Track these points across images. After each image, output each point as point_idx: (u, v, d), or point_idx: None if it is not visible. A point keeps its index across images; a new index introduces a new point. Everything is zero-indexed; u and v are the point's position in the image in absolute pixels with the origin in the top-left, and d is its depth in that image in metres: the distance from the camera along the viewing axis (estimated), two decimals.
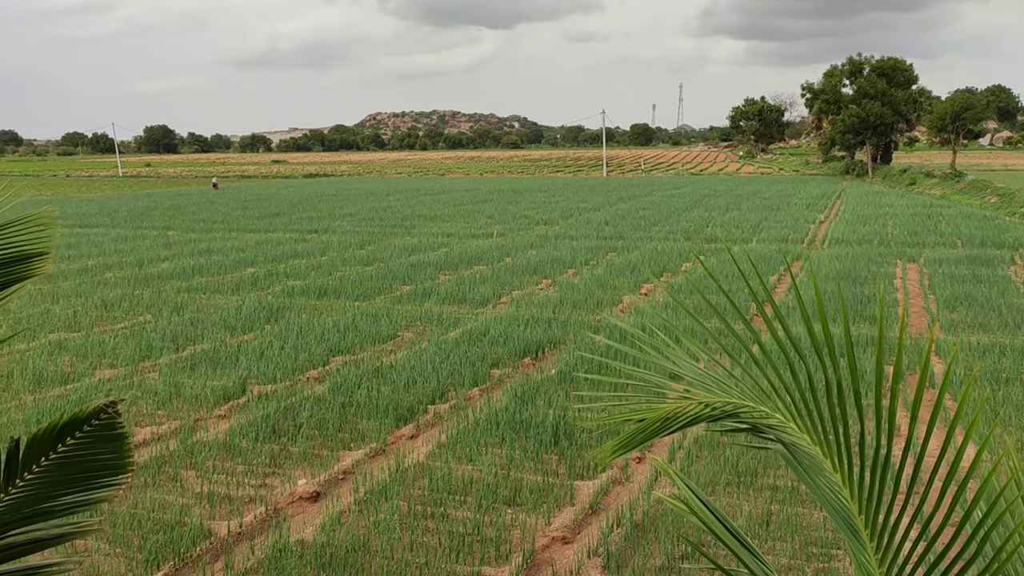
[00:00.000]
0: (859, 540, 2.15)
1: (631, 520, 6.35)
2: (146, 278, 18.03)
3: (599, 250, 22.24)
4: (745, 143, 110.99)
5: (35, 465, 2.02)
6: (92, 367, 10.72)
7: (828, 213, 33.87)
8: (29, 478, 2.02)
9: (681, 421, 2.48)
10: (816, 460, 2.18)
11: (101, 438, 2.13)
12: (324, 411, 8.84)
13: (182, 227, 30.08)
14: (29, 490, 2.06)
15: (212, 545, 6.05)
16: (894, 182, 56.27)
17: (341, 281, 17.28)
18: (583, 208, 37.39)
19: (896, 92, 68.73)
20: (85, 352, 11.39)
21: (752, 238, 25.06)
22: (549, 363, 10.93)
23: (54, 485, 2.12)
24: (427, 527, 6.31)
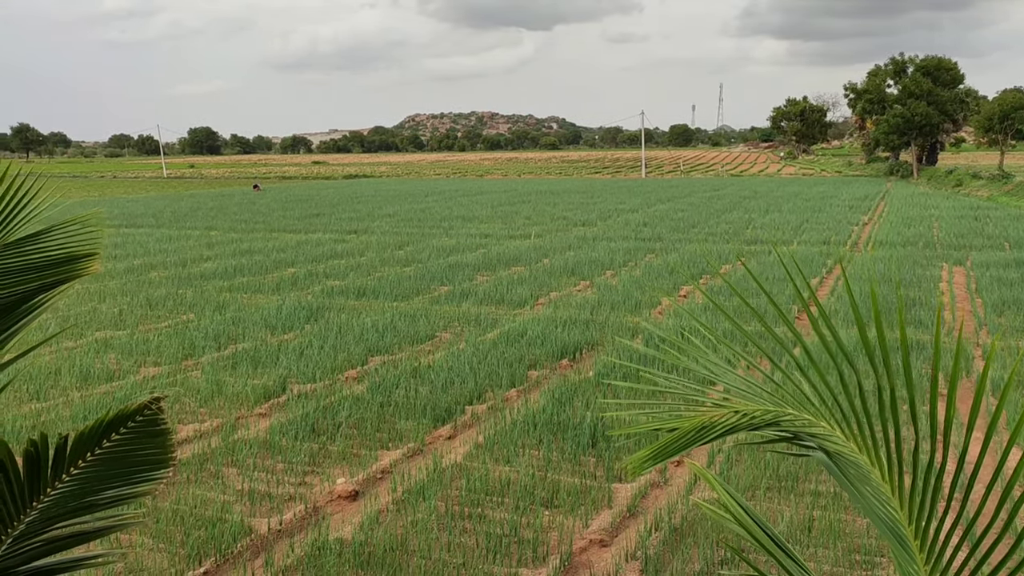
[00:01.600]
0: (907, 551, 2.09)
1: (670, 524, 6.29)
2: (189, 277, 18.31)
3: (637, 252, 22.12)
4: (786, 144, 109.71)
5: (81, 460, 2.05)
6: (137, 365, 10.91)
7: (872, 215, 33.33)
8: (75, 473, 2.05)
9: (718, 431, 2.44)
10: (862, 469, 2.13)
11: (145, 434, 2.15)
12: (363, 411, 8.89)
13: (224, 227, 30.50)
14: (75, 484, 2.09)
15: (253, 542, 6.11)
16: (940, 183, 55.21)
17: (380, 281, 17.39)
18: (621, 209, 37.22)
19: (942, 92, 67.45)
20: (130, 350, 11.60)
21: (793, 240, 24.75)
22: (587, 365, 10.88)
23: (99, 479, 2.15)
24: (464, 527, 6.31)
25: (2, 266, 2.02)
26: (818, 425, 2.18)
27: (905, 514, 2.09)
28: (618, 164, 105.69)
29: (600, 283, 17.16)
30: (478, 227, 29.53)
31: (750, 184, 61.48)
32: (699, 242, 24.26)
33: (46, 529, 2.15)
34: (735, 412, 2.38)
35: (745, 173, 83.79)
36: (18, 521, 2.02)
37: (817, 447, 2.30)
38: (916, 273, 17.69)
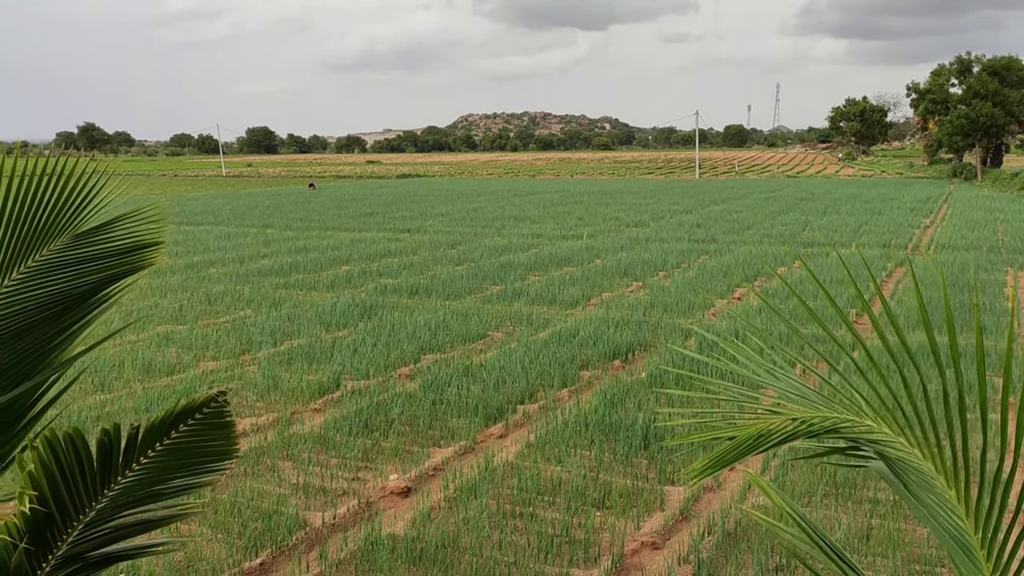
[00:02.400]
0: (973, 561, 2.04)
1: (723, 528, 6.23)
2: (247, 274, 18.66)
3: (690, 253, 21.91)
4: (845, 145, 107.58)
5: (150, 450, 2.11)
6: (196, 359, 11.16)
7: (934, 218, 32.51)
8: (144, 462, 2.11)
9: (775, 439, 2.40)
10: (926, 476, 2.08)
11: (210, 425, 2.21)
12: (415, 408, 8.97)
13: (280, 225, 31.02)
14: (144, 473, 2.15)
15: (307, 535, 6.21)
16: (1005, 186, 53.56)
17: (432, 280, 17.51)
18: (674, 210, 36.90)
19: (1009, 92, 65.46)
20: (190, 344, 11.87)
21: (851, 243, 24.26)
22: (639, 366, 10.82)
23: (166, 469, 2.21)
24: (516, 526, 6.33)
25: (73, 255, 2.08)
26: (880, 431, 2.13)
27: (971, 523, 2.04)
28: (671, 165, 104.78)
29: (653, 284, 17.04)
30: (530, 227, 29.54)
31: (807, 185, 60.43)
32: (754, 244, 23.93)
33: (115, 516, 2.21)
34: (792, 419, 2.34)
35: (802, 174, 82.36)
36: (89, 508, 2.09)
37: (876, 455, 2.25)
38: (980, 278, 17.21)
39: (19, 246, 1.94)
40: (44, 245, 1.99)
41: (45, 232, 2.01)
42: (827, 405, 2.25)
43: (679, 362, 10.48)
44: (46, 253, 2.00)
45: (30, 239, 1.96)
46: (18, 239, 1.94)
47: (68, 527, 2.05)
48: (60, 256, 2.03)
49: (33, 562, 2.01)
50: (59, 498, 1.98)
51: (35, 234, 1.98)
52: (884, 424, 2.16)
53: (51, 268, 2.00)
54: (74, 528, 2.07)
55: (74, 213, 2.09)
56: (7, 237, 1.93)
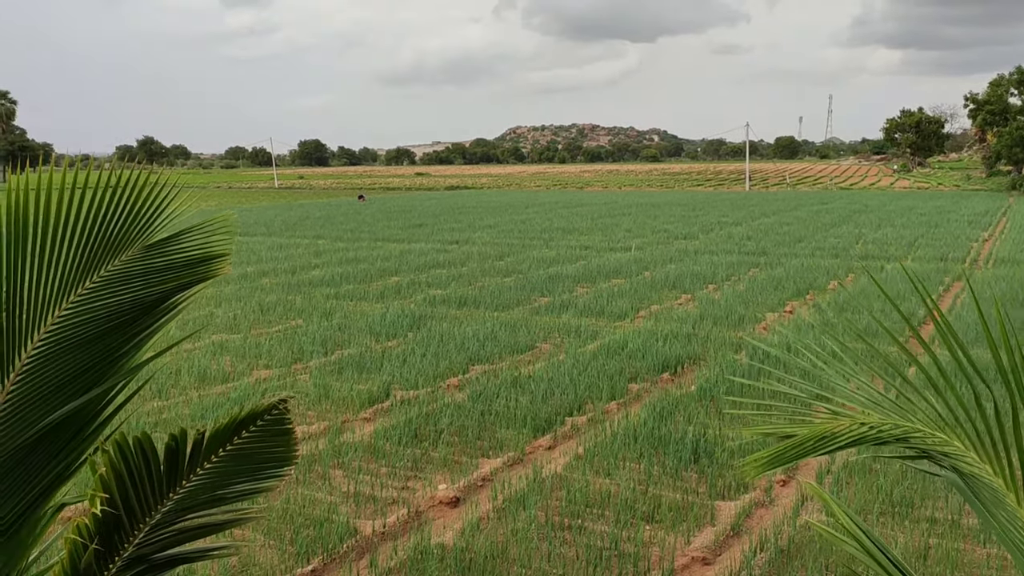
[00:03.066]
0: None
1: (776, 545, 6.13)
2: (298, 284, 18.94)
3: (740, 265, 21.67)
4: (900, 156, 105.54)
5: (214, 455, 2.15)
6: (250, 367, 11.35)
7: (992, 231, 31.70)
8: (208, 467, 2.16)
9: (840, 441, 2.37)
10: (998, 493, 2.03)
11: (271, 432, 2.25)
12: (464, 418, 9.00)
13: (331, 236, 31.43)
14: (208, 477, 2.19)
15: (358, 543, 6.26)
16: None
17: (481, 291, 17.58)
18: (724, 222, 36.54)
19: None
20: (243, 353, 12.08)
21: (907, 256, 23.77)
22: (688, 379, 10.72)
23: (229, 474, 2.26)
24: (564, 538, 6.30)
25: (144, 266, 2.14)
26: (951, 444, 2.09)
27: None
28: (721, 177, 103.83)
29: (702, 297, 16.88)
30: (578, 239, 29.50)
31: (860, 198, 59.39)
32: (805, 257, 23.58)
33: (179, 519, 2.27)
34: (861, 424, 2.31)
35: (855, 186, 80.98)
36: (155, 511, 2.14)
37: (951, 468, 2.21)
38: None
39: (92, 256, 2.00)
40: (116, 256, 2.05)
41: (116, 243, 2.07)
42: (899, 413, 2.21)
43: (739, 368, 10.36)
44: (117, 263, 2.06)
45: (102, 250, 2.02)
46: (91, 250, 2.00)
47: (135, 529, 2.10)
48: (130, 267, 2.09)
49: (101, 563, 2.07)
50: (127, 501, 2.03)
51: (107, 245, 2.04)
52: (956, 437, 2.12)
53: (122, 278, 2.06)
54: (140, 530, 2.13)
55: (144, 225, 2.15)
56: (81, 248, 1.99)
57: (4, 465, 1.87)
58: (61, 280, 1.91)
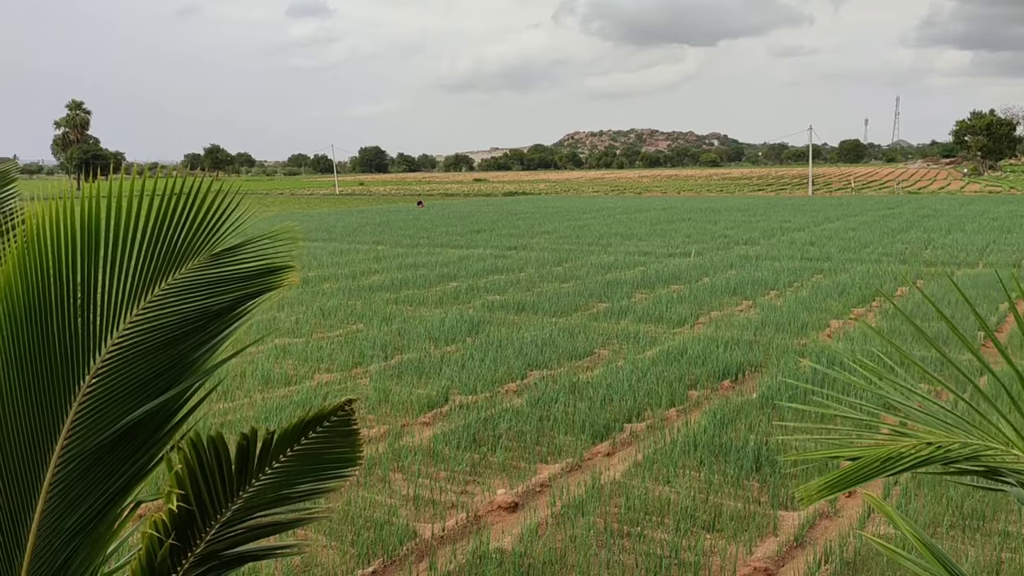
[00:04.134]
0: None
1: (841, 557, 6.00)
2: (358, 289, 19.20)
3: (803, 271, 21.28)
4: (970, 159, 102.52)
5: (282, 455, 2.20)
6: (312, 371, 11.54)
7: None
8: (276, 466, 2.21)
9: (907, 463, 2.29)
10: None
11: (337, 433, 2.29)
12: (522, 424, 9.01)
13: (390, 242, 31.80)
14: (275, 477, 2.24)
15: (417, 546, 6.32)
16: None
17: (539, 297, 17.60)
18: (786, 228, 35.93)
19: None
20: (306, 356, 12.29)
21: (978, 262, 23.05)
22: (749, 386, 10.56)
23: (295, 473, 2.31)
24: (623, 546, 6.27)
25: (210, 275, 2.19)
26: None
27: None
28: (782, 181, 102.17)
29: (763, 303, 16.63)
30: (636, 244, 29.33)
31: (929, 202, 57.82)
32: (871, 263, 23.05)
33: (248, 517, 2.32)
34: (927, 443, 2.25)
35: (923, 191, 78.89)
36: (226, 508, 2.20)
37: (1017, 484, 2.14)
38: None
39: (159, 264, 2.06)
40: (182, 264, 2.11)
41: (183, 251, 2.13)
42: (966, 429, 2.15)
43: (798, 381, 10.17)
44: (185, 272, 2.12)
45: (169, 257, 2.08)
46: (158, 257, 2.06)
47: (207, 526, 2.16)
48: (197, 275, 2.14)
49: (175, 558, 2.14)
50: (200, 498, 2.09)
51: (173, 253, 2.10)
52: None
53: (189, 287, 2.12)
54: (212, 527, 2.19)
55: (209, 233, 2.20)
56: (148, 255, 2.05)
57: (86, 462, 1.95)
58: (132, 287, 1.97)
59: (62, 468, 1.91)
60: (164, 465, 2.24)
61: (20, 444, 1.86)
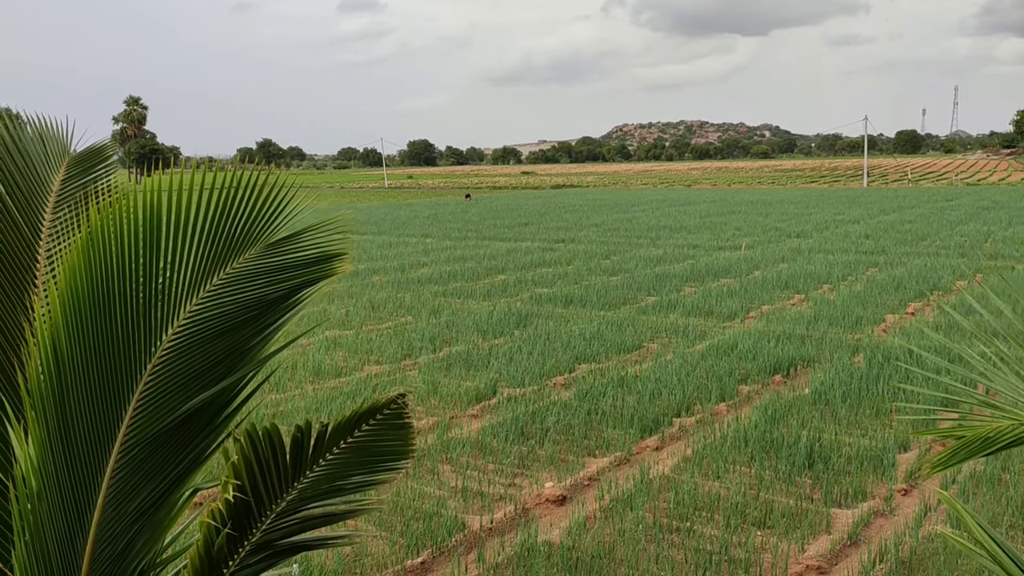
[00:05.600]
0: None
1: (896, 556, 5.88)
2: (407, 282, 19.34)
3: (858, 265, 20.86)
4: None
5: (335, 447, 2.23)
6: (361, 362, 11.66)
7: None
8: (330, 458, 2.24)
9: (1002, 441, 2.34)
10: None
11: (390, 426, 2.30)
12: (570, 417, 9.00)
13: (439, 235, 31.96)
14: (329, 469, 2.27)
15: (466, 537, 6.35)
16: None
17: (587, 290, 17.53)
18: (840, 220, 35.27)
19: None
20: (355, 348, 12.43)
21: None
22: (802, 381, 10.39)
23: (349, 465, 2.33)
24: (672, 541, 6.22)
25: (265, 264, 2.22)
26: None
27: None
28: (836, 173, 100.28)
29: (816, 297, 16.34)
30: (686, 237, 29.04)
31: (989, 194, 56.23)
32: (929, 256, 22.50)
33: (302, 508, 2.35)
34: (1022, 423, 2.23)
35: (983, 182, 76.74)
36: (281, 499, 2.23)
37: None
38: None
39: (218, 254, 2.10)
40: (240, 254, 2.14)
41: (240, 242, 2.16)
42: None
43: (856, 371, 10.00)
44: (241, 262, 2.15)
45: (227, 248, 2.12)
46: (216, 247, 2.10)
47: (262, 516, 2.20)
48: (253, 265, 2.18)
49: (231, 546, 2.17)
50: (256, 488, 2.12)
51: (231, 243, 2.13)
52: None
53: (246, 276, 2.15)
54: (267, 517, 2.22)
55: (265, 224, 2.23)
56: (207, 245, 2.08)
57: (147, 449, 1.99)
58: (191, 277, 2.01)
59: (125, 454, 1.95)
60: (219, 454, 2.28)
61: (86, 431, 1.91)
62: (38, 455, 1.87)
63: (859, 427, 8.66)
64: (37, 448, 1.87)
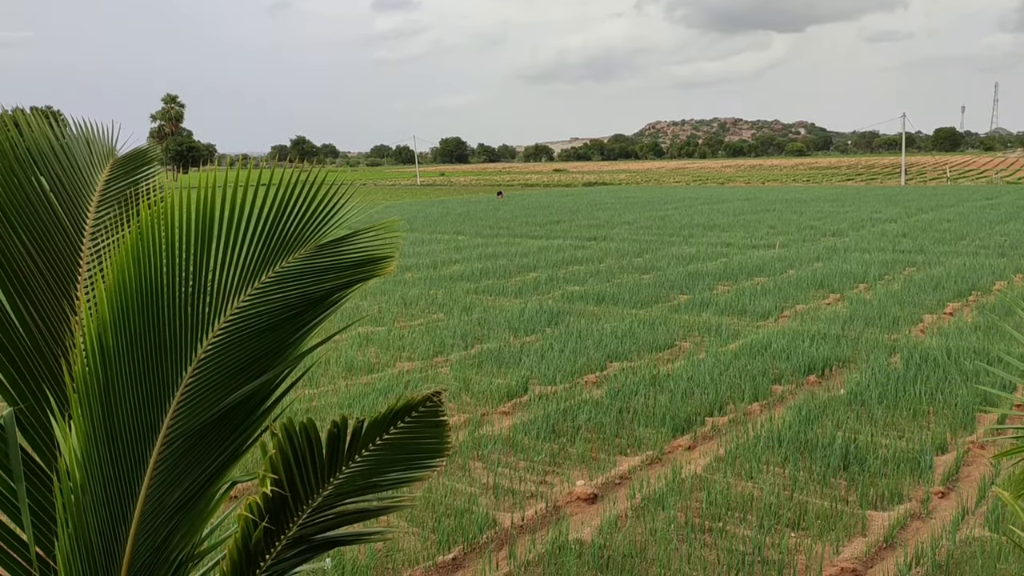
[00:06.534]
0: None
1: (933, 559, 5.79)
2: (439, 279, 19.41)
3: (895, 264, 20.57)
4: None
5: (371, 443, 2.24)
6: (394, 359, 11.73)
7: None
8: (366, 454, 2.25)
9: None
10: None
11: (426, 423, 2.32)
12: (601, 415, 8.98)
13: (470, 232, 32.03)
14: (364, 465, 2.29)
15: (497, 534, 6.37)
16: None
17: (619, 288, 17.48)
18: (877, 219, 34.79)
19: None
20: (388, 345, 12.50)
21: None
22: (837, 382, 10.28)
23: (384, 462, 2.35)
24: (704, 541, 6.19)
25: (314, 264, 2.25)
26: None
27: None
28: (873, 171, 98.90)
29: (852, 296, 16.14)
30: (719, 236, 28.83)
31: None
32: (968, 255, 22.12)
33: (337, 503, 2.37)
34: None
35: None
36: (317, 494, 2.25)
37: None
38: None
39: (269, 253, 2.12)
40: (290, 253, 2.17)
41: (291, 241, 2.18)
42: None
43: (892, 371, 9.87)
44: (291, 261, 2.18)
45: (278, 247, 2.14)
46: (268, 247, 2.12)
47: (299, 510, 2.22)
48: (302, 264, 2.20)
49: (268, 540, 2.20)
50: (292, 483, 2.15)
51: (282, 243, 2.16)
52: None
53: (293, 275, 2.17)
54: (303, 512, 2.24)
55: (318, 225, 2.25)
56: (260, 244, 2.11)
57: (188, 441, 2.02)
58: (240, 274, 2.04)
59: (167, 448, 1.98)
60: (256, 448, 2.31)
61: (130, 425, 1.94)
62: (82, 448, 1.91)
63: (896, 429, 8.55)
64: (81, 441, 1.90)
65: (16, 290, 2.40)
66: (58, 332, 2.44)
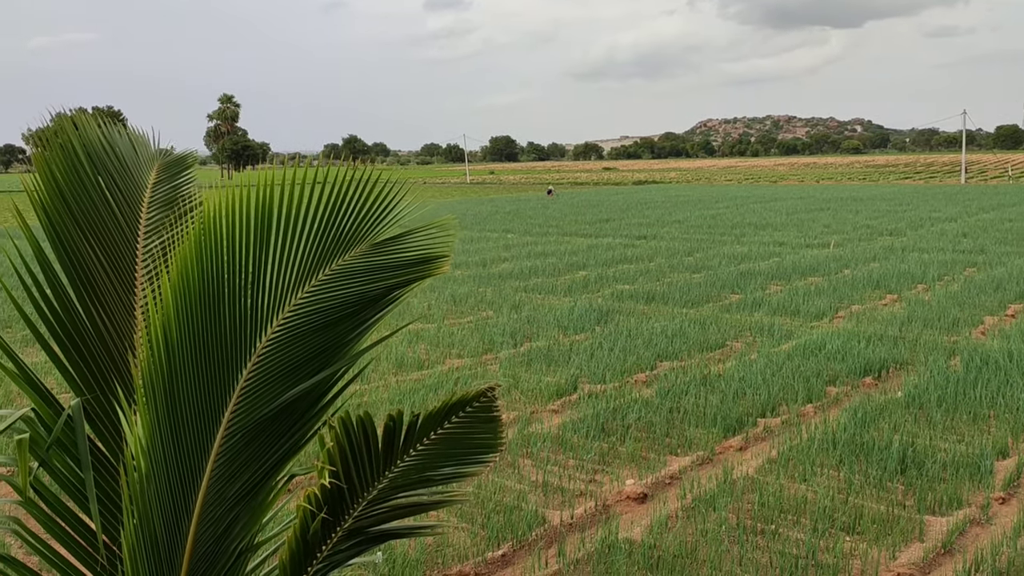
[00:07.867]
0: None
1: (993, 566, 5.65)
2: (488, 277, 19.47)
3: (955, 264, 20.06)
4: None
5: (426, 438, 2.27)
6: (443, 356, 11.80)
7: None
8: (420, 448, 2.28)
9: None
10: None
11: (479, 419, 2.33)
12: (651, 414, 8.92)
13: (520, 231, 32.05)
14: (419, 459, 2.31)
15: (546, 532, 6.37)
16: None
17: (669, 287, 17.34)
18: (936, 218, 33.96)
19: None
20: (437, 342, 12.58)
21: None
22: (894, 384, 10.06)
23: (438, 456, 2.37)
24: (756, 543, 6.11)
25: (371, 262, 2.27)
26: None
27: None
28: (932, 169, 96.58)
29: (909, 297, 15.79)
30: (771, 235, 28.41)
31: None
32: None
33: (392, 497, 2.40)
34: None
35: None
36: (372, 487, 2.28)
37: None
38: None
39: (325, 251, 2.15)
40: (346, 251, 2.19)
41: (347, 240, 2.21)
42: None
43: (952, 375, 9.63)
44: (347, 259, 2.20)
45: (335, 246, 2.17)
46: (324, 245, 2.15)
47: (355, 503, 2.25)
48: (358, 262, 2.22)
49: (325, 531, 2.24)
50: (349, 475, 2.18)
51: (339, 242, 2.18)
52: None
53: (350, 273, 2.20)
54: (359, 504, 2.28)
55: (374, 223, 2.28)
56: (316, 242, 2.14)
57: (248, 435, 2.06)
58: (298, 270, 2.07)
59: (227, 440, 2.03)
60: (314, 443, 2.35)
61: (192, 417, 1.99)
62: (147, 438, 1.96)
63: (955, 432, 8.35)
64: (147, 431, 1.96)
65: (83, 285, 2.48)
66: (122, 326, 2.51)
